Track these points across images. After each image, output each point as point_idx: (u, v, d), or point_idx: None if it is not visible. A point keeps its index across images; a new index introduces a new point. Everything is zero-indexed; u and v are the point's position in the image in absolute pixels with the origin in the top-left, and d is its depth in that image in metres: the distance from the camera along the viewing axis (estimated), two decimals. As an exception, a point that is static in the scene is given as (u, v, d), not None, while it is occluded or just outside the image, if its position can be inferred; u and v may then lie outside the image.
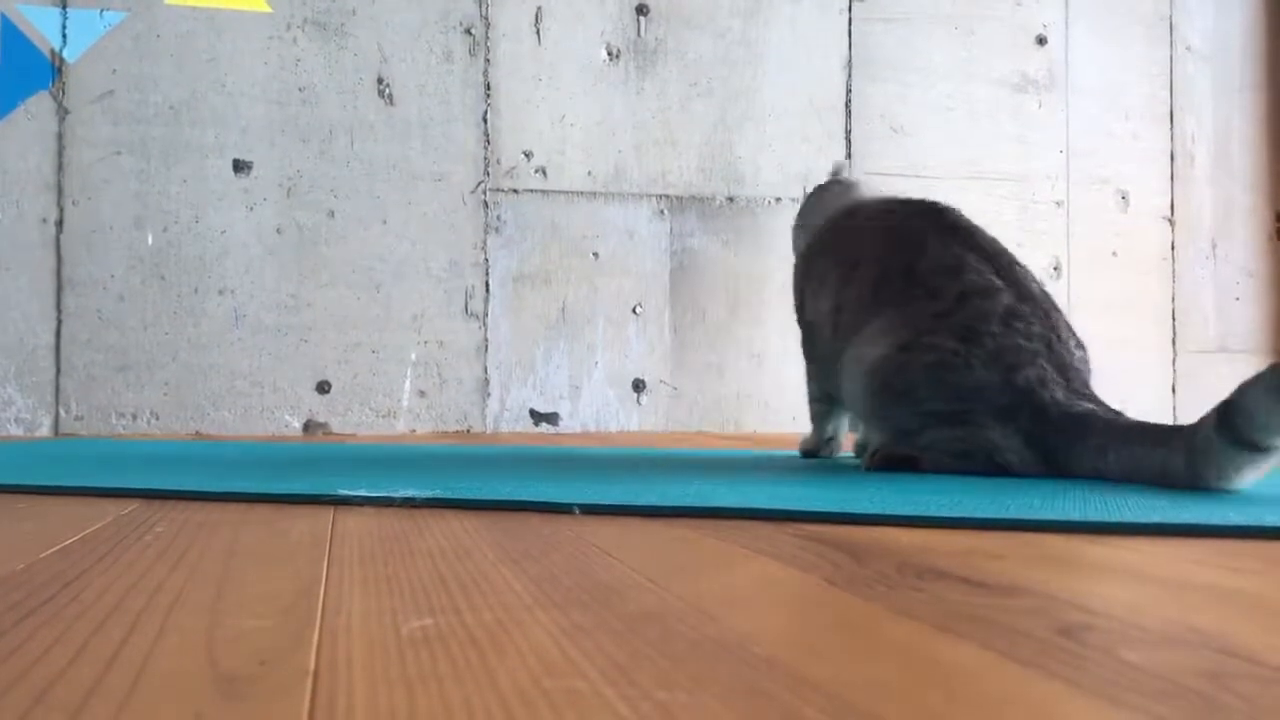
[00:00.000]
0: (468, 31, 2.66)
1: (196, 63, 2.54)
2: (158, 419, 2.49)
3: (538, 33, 2.69)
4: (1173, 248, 3.02)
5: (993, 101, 2.90)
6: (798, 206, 1.73)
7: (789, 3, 2.80)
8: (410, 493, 1.05)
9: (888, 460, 1.35)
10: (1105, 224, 2.97)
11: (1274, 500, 1.04)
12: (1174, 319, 3.00)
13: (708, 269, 2.73)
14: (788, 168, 2.77)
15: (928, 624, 0.54)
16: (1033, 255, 2.89)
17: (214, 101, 2.54)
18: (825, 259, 1.52)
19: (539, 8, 2.69)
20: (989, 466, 1.28)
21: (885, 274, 1.38)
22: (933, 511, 0.93)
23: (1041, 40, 2.95)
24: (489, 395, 2.64)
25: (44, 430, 2.46)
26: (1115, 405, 1.31)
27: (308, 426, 2.55)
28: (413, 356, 2.61)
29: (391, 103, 2.62)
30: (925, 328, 1.30)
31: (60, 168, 2.48)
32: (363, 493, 1.06)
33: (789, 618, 0.58)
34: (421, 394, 2.61)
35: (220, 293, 2.53)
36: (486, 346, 2.64)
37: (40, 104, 2.47)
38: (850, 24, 2.83)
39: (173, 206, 2.52)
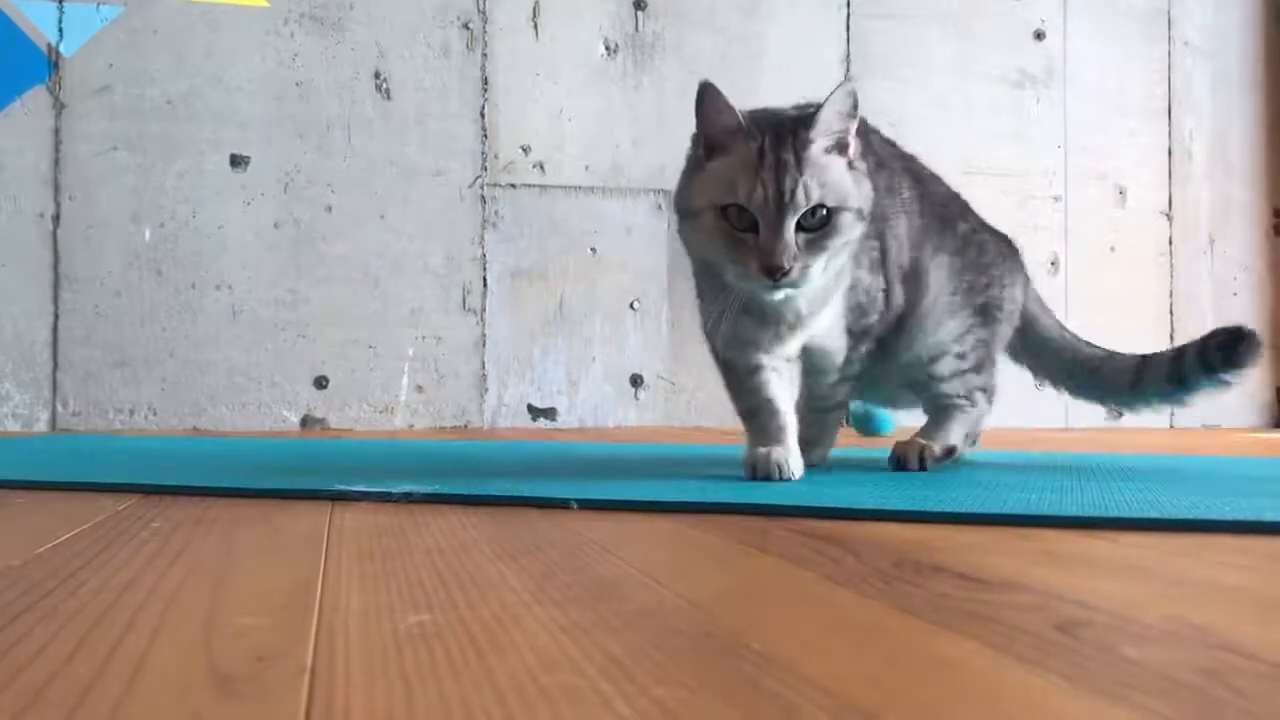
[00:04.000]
0: (465, 26, 2.65)
1: (193, 58, 2.53)
2: (155, 415, 2.49)
3: (535, 28, 2.69)
4: (1170, 243, 3.02)
5: (991, 97, 2.90)
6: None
7: (787, -2, 2.79)
8: (408, 488, 1.05)
9: (948, 454, 1.34)
10: (1103, 220, 2.97)
11: (1272, 495, 1.04)
12: (1171, 314, 3.00)
13: (706, 264, 2.73)
14: (786, 163, 2.77)
15: (926, 620, 0.54)
16: (1031, 251, 2.88)
17: (211, 97, 2.53)
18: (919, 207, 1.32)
19: (536, 3, 2.69)
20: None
21: (958, 246, 1.35)
22: (931, 507, 0.93)
23: (1039, 36, 2.94)
24: (487, 391, 2.64)
25: (41, 426, 2.45)
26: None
27: (305, 422, 2.55)
28: (410, 352, 2.60)
29: (389, 98, 2.61)
30: (972, 319, 1.33)
31: (57, 163, 2.47)
32: (360, 488, 1.06)
33: (787, 614, 0.58)
34: (419, 389, 2.60)
35: (217, 288, 2.52)
36: (484, 342, 2.64)
37: (37, 99, 2.47)
38: (849, 20, 2.83)
39: (170, 202, 2.51)
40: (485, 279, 2.65)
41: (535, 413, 2.66)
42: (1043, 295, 1.56)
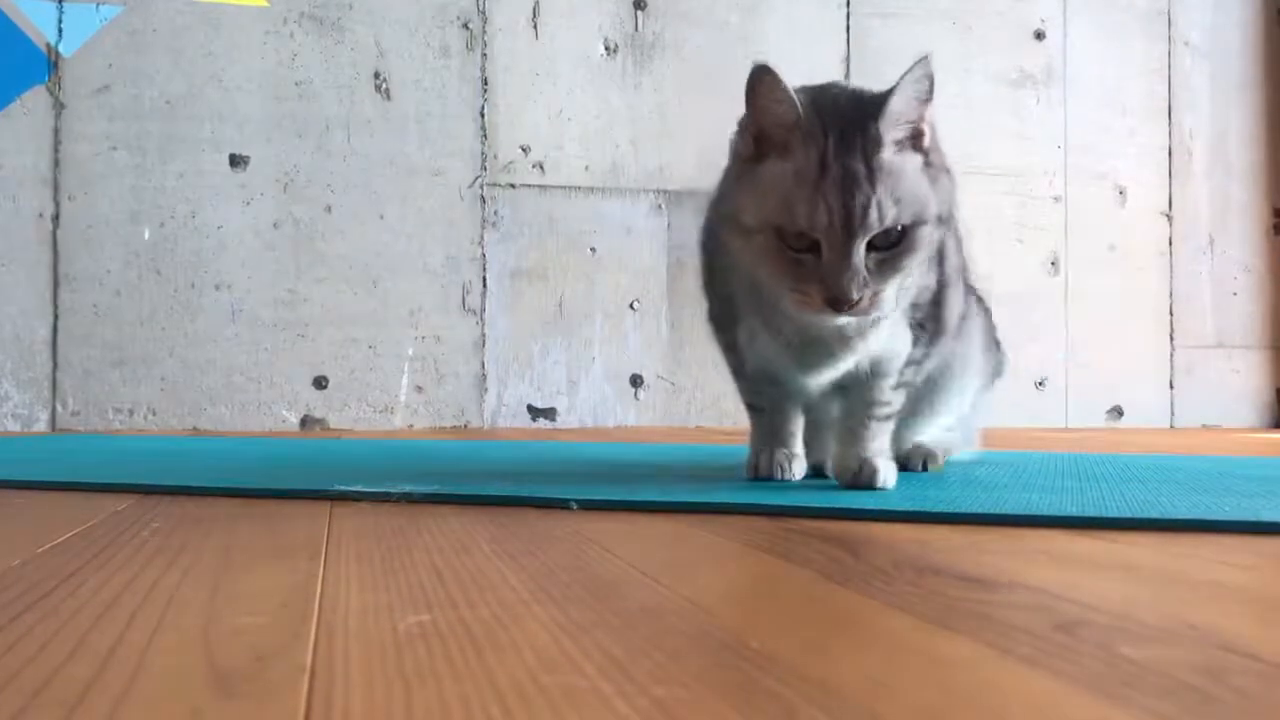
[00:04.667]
0: (465, 26, 2.65)
1: (193, 57, 2.53)
2: (154, 415, 2.49)
3: (535, 27, 2.69)
4: (1170, 243, 3.02)
5: (991, 97, 2.90)
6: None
7: (787, -3, 2.79)
8: (407, 488, 1.05)
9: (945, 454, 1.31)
10: (1103, 219, 2.97)
11: (1271, 495, 1.04)
12: (1171, 314, 3.00)
13: (705, 264, 2.73)
14: (785, 163, 2.77)
15: (925, 620, 0.54)
16: (1031, 250, 2.89)
17: (210, 96, 2.53)
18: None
19: (536, 2, 2.69)
20: None
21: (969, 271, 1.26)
22: (930, 507, 0.93)
23: (1039, 35, 2.94)
24: (486, 391, 2.64)
25: (40, 426, 2.45)
26: (1113, 401, 1.32)
27: (305, 422, 2.55)
28: (410, 352, 2.60)
29: (388, 98, 2.61)
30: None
31: (56, 163, 2.47)
32: (360, 488, 1.06)
33: (786, 613, 0.58)
34: (419, 389, 2.60)
35: (217, 288, 2.52)
36: (484, 342, 2.64)
37: (36, 98, 2.47)
38: (848, 18, 2.83)
39: (169, 201, 2.51)
40: (485, 279, 2.65)
41: (535, 413, 2.66)
42: (1042, 295, 1.55)
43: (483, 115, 2.66)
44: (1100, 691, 0.42)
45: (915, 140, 0.98)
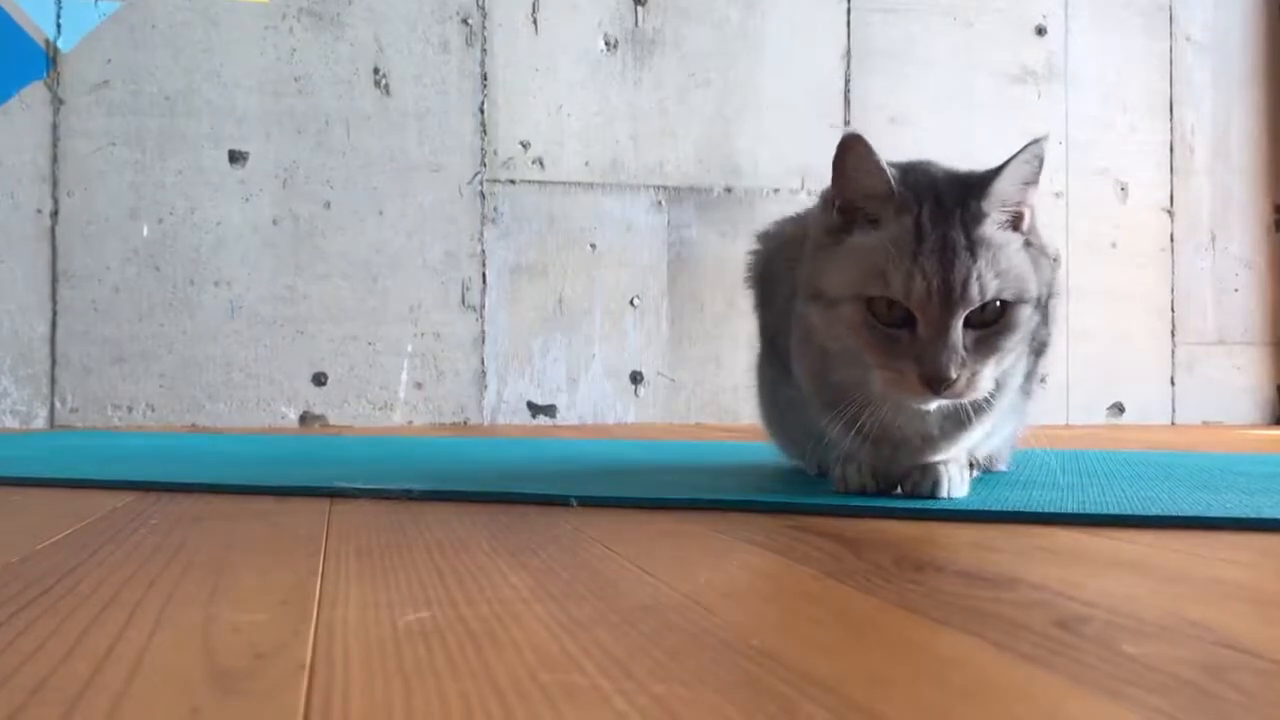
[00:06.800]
0: (464, 21, 2.65)
1: (192, 53, 2.52)
2: (154, 411, 2.48)
3: (535, 23, 2.68)
4: (1171, 239, 3.01)
5: (992, 92, 2.89)
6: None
7: (787, -7, 2.79)
8: (407, 485, 1.05)
9: None
10: (1104, 215, 2.97)
11: (1271, 493, 1.04)
12: (1173, 310, 3.00)
13: (705, 260, 2.73)
14: (786, 159, 2.76)
15: (926, 617, 0.54)
16: (1030, 247, 2.88)
17: (209, 92, 2.53)
18: None
19: (536, -2, 2.68)
20: None
21: None
22: (931, 504, 0.93)
23: (1041, 31, 2.94)
24: (486, 387, 2.63)
25: (39, 423, 2.45)
26: (1114, 398, 1.30)
27: (304, 419, 2.55)
28: (409, 348, 2.60)
29: (388, 93, 2.61)
30: None
31: (55, 159, 2.47)
32: (359, 486, 1.06)
33: (787, 611, 0.58)
34: (418, 386, 2.60)
35: (216, 284, 2.52)
36: (484, 338, 2.64)
37: (35, 94, 2.46)
38: (849, 14, 2.82)
39: (168, 198, 2.51)
40: (485, 275, 2.64)
41: (535, 410, 2.66)
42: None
43: (482, 111, 2.66)
44: (1101, 688, 0.41)
45: (1015, 222, 0.92)
